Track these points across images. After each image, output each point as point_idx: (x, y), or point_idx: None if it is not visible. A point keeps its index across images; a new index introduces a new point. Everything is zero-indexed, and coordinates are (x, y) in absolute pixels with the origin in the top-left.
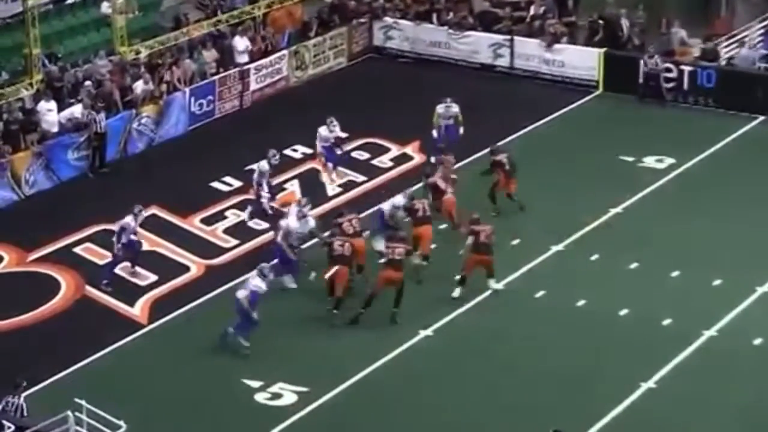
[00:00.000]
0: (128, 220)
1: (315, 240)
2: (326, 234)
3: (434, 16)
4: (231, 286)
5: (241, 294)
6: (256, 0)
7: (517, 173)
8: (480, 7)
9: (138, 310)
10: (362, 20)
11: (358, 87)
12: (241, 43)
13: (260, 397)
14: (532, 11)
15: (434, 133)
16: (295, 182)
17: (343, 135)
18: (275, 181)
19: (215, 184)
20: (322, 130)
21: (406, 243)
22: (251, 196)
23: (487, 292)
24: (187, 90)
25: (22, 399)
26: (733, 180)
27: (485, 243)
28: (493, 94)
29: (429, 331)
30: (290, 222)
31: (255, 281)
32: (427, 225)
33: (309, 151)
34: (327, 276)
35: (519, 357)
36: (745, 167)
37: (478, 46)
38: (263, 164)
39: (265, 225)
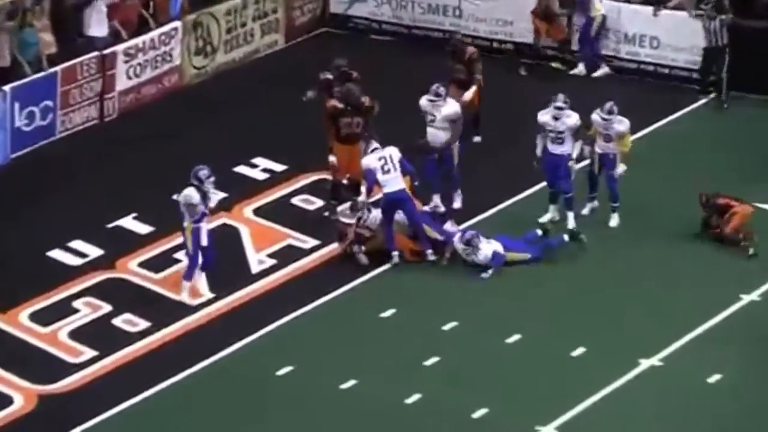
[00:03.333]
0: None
1: None
2: None
3: None
4: (87, 428)
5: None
6: None
7: None
8: None
9: None
10: None
11: (303, 85)
12: (97, 9)
13: None
14: None
15: None
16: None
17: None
18: (158, 250)
19: (56, 254)
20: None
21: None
22: None
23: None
24: (6, 89)
25: None
26: None
27: None
28: (536, 92)
29: None
30: None
31: (490, 246)
32: None
33: (224, 194)
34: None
35: None
36: None
37: (510, 12)
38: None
39: (145, 324)
